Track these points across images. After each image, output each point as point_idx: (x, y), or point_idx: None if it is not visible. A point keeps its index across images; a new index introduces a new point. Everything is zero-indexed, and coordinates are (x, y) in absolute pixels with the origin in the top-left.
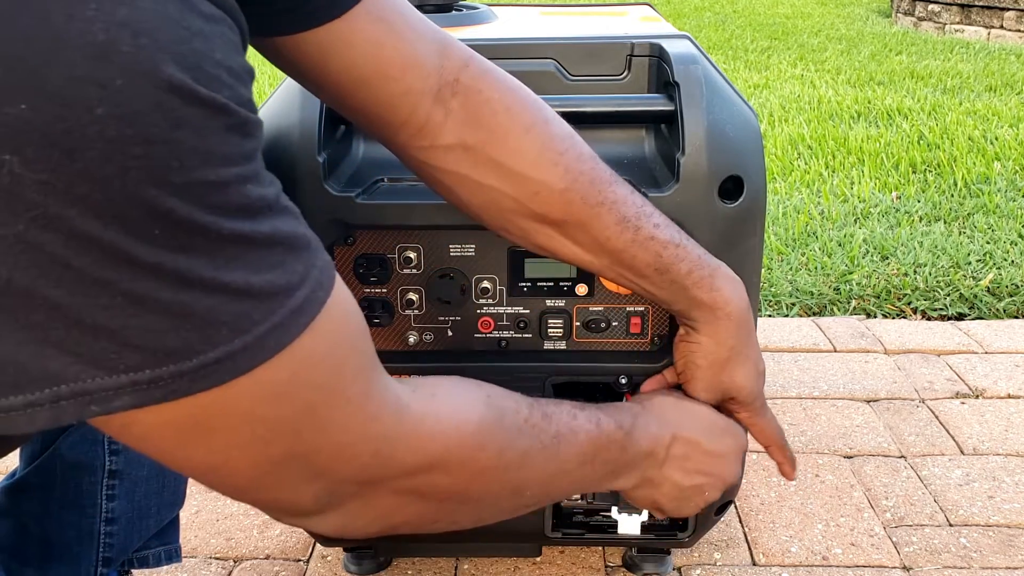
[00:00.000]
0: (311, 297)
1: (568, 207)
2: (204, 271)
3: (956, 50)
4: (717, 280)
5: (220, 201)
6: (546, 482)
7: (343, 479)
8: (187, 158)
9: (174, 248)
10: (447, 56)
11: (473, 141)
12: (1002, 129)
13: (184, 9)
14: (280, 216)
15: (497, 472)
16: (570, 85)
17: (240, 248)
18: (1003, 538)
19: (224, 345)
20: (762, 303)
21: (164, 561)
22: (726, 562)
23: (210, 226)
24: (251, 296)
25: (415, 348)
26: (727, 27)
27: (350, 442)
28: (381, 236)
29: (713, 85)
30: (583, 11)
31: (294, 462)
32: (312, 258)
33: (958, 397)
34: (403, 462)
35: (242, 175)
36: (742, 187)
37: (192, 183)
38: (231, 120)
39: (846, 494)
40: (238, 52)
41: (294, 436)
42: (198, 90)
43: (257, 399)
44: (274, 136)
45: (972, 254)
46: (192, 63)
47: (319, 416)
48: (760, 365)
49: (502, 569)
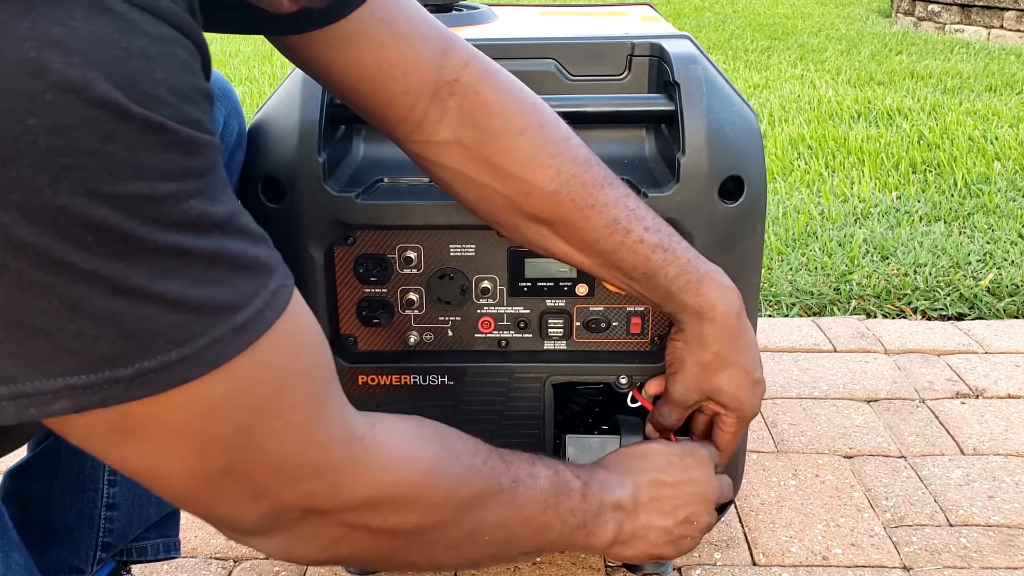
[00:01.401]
0: (257, 317)
1: (558, 208)
2: (140, 280)
3: (956, 50)
4: (704, 285)
5: (156, 214)
6: (506, 528)
7: (287, 503)
8: (118, 170)
9: (109, 256)
10: (448, 55)
11: (468, 140)
12: (1002, 129)
13: (125, 30)
14: (229, 236)
15: (449, 511)
16: (570, 85)
17: (178, 261)
18: (1003, 538)
19: (161, 355)
20: (762, 303)
21: (162, 553)
22: (726, 562)
23: (145, 237)
24: (190, 309)
25: (415, 348)
26: (727, 27)
27: (291, 465)
28: (381, 236)
29: (713, 85)
30: (583, 11)
31: (232, 479)
32: (264, 280)
33: (958, 397)
34: (351, 493)
35: (182, 191)
36: (742, 187)
37: (124, 195)
38: (168, 137)
39: (846, 494)
40: (189, 72)
41: (230, 454)
42: (130, 107)
43: (191, 413)
44: (274, 136)
45: (972, 254)
46: (127, 82)
47: (255, 437)
48: (754, 374)
49: (502, 569)
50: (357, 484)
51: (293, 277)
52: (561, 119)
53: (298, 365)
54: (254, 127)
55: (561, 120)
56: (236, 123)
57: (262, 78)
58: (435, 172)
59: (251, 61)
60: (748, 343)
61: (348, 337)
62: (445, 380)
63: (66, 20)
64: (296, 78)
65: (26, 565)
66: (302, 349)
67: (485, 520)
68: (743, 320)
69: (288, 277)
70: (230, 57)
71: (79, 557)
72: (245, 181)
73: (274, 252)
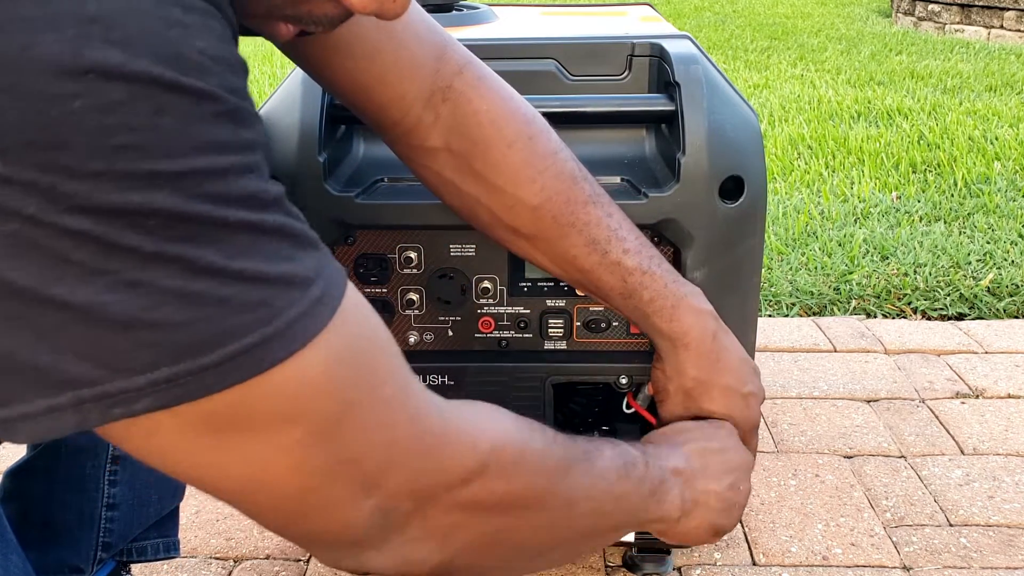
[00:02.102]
0: (329, 291)
1: (539, 223)
2: (213, 259)
3: (956, 50)
4: (679, 311)
5: (219, 189)
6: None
7: (397, 491)
8: (174, 146)
9: (175, 238)
10: (444, 60)
11: (457, 147)
12: (1002, 129)
13: (160, 1)
14: (287, 214)
15: (545, 475)
16: (570, 85)
17: (250, 236)
18: (1003, 538)
19: (248, 336)
20: (762, 303)
21: (162, 553)
22: (726, 562)
23: (212, 214)
24: (269, 285)
25: (415, 348)
26: (727, 27)
27: (397, 442)
28: (381, 236)
29: (713, 85)
30: (583, 11)
31: (341, 469)
32: (323, 257)
33: (958, 397)
34: (456, 465)
35: (240, 164)
36: (742, 187)
37: (183, 171)
38: (220, 107)
39: (846, 494)
40: (225, 42)
41: (337, 438)
42: (178, 78)
43: (291, 395)
44: (274, 136)
45: (972, 254)
46: (170, 52)
47: (359, 415)
48: (743, 389)
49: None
50: (459, 454)
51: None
52: (552, 131)
53: (376, 337)
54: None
55: (552, 132)
56: None
57: (262, 78)
58: (424, 176)
59: (251, 61)
60: (729, 363)
61: None
62: (445, 380)
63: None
64: (296, 78)
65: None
66: (373, 322)
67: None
68: (720, 342)
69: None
70: None
71: (79, 557)
72: None
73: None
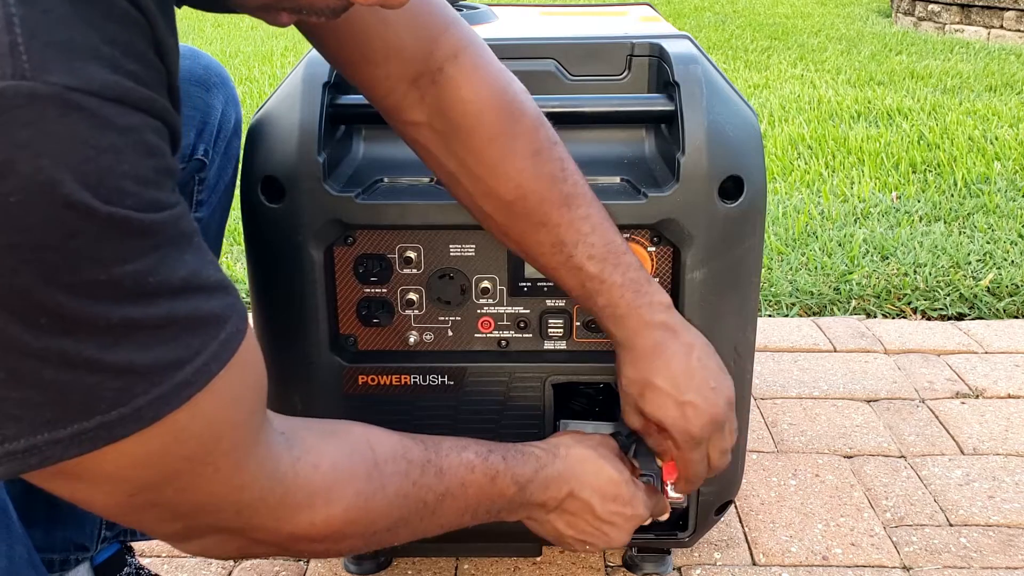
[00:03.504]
0: (202, 370)
1: (510, 217)
2: (89, 353)
3: (956, 50)
4: (628, 320)
5: (110, 294)
6: (417, 532)
7: (202, 525)
8: (78, 262)
9: (60, 333)
10: (439, 44)
11: (440, 128)
12: (1002, 129)
13: (95, 126)
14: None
15: (362, 539)
16: (570, 85)
17: (128, 331)
18: (1003, 538)
19: (100, 415)
20: (762, 303)
21: None
22: (726, 562)
23: (99, 315)
24: (135, 373)
25: (415, 348)
26: (727, 27)
27: (212, 502)
28: (381, 236)
29: (713, 85)
30: (583, 11)
31: (154, 509)
32: (215, 332)
33: (958, 397)
34: (263, 526)
35: (138, 270)
36: (742, 187)
37: (82, 282)
38: (130, 227)
39: (846, 494)
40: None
41: (156, 493)
42: (96, 206)
43: (125, 464)
44: (274, 136)
45: (972, 254)
46: (94, 179)
47: (182, 481)
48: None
49: (502, 569)
50: (273, 519)
51: (247, 319)
52: (545, 126)
53: (236, 414)
54: (254, 127)
55: (544, 128)
56: (233, 111)
57: (262, 78)
58: (412, 145)
59: (251, 61)
60: (670, 370)
61: (348, 337)
62: (445, 380)
63: (36, 121)
64: (296, 78)
65: (29, 559)
66: (243, 397)
67: (399, 535)
68: (663, 348)
69: (243, 321)
70: (230, 57)
71: (84, 535)
72: (245, 181)
73: (231, 297)
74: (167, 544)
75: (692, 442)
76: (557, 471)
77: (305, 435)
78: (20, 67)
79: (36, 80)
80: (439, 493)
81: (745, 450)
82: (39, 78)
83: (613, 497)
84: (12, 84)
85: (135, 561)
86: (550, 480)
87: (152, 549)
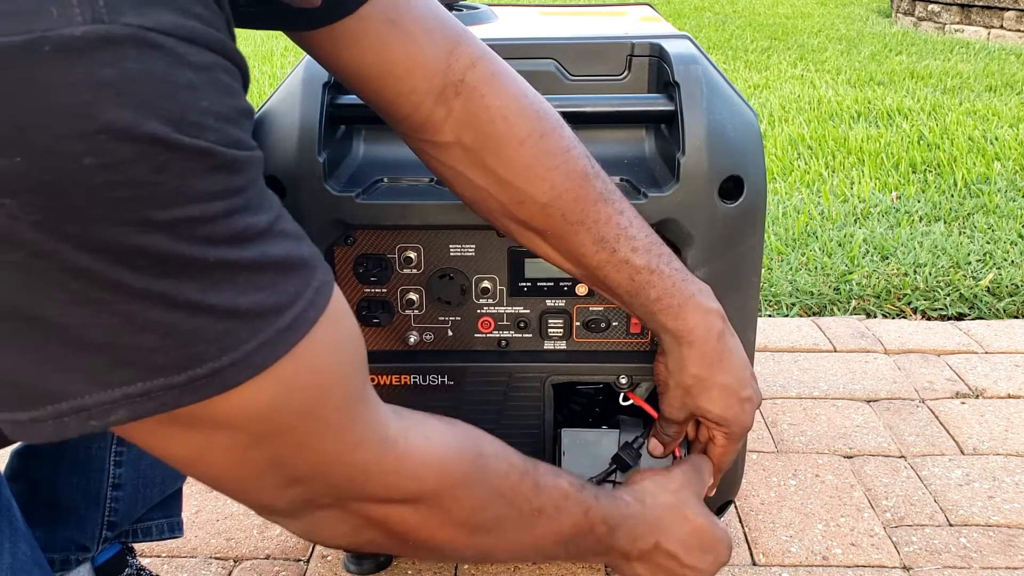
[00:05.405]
0: (301, 316)
1: (548, 220)
2: (191, 294)
3: (956, 50)
4: (685, 309)
5: (205, 233)
6: (514, 551)
7: (318, 493)
8: (170, 198)
9: (160, 275)
10: (456, 55)
11: (469, 142)
12: (1002, 129)
13: (172, 64)
14: (272, 241)
15: (465, 529)
16: (570, 85)
17: (226, 272)
18: (1003, 538)
19: (212, 362)
20: (762, 303)
21: (167, 533)
22: None
23: (196, 255)
24: (238, 316)
25: (415, 348)
26: (727, 27)
27: (326, 462)
28: (381, 236)
29: (713, 85)
30: (583, 11)
31: (270, 470)
32: (307, 278)
33: (958, 397)
34: (378, 492)
35: (228, 208)
36: (742, 187)
37: (176, 219)
38: (215, 161)
39: (846, 494)
40: (230, 95)
41: (272, 450)
42: (180, 139)
43: (239, 416)
44: (274, 136)
45: (972, 254)
46: (175, 115)
47: (297, 437)
48: (741, 392)
49: (502, 569)
50: (384, 486)
51: (333, 273)
52: (565, 126)
53: (339, 366)
54: (254, 127)
55: (565, 128)
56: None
57: (262, 78)
58: (436, 168)
59: (251, 61)
60: (732, 364)
61: None
62: (445, 380)
63: (116, 62)
64: (296, 78)
65: (32, 556)
66: (343, 348)
67: (497, 544)
68: (724, 342)
69: (329, 273)
70: None
71: (85, 535)
72: None
73: (315, 249)
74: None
75: (743, 436)
76: (645, 520)
77: (411, 411)
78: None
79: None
80: (535, 507)
81: (745, 450)
82: (116, 21)
83: (698, 546)
84: (91, 28)
85: (136, 562)
86: (637, 529)
87: (152, 550)
